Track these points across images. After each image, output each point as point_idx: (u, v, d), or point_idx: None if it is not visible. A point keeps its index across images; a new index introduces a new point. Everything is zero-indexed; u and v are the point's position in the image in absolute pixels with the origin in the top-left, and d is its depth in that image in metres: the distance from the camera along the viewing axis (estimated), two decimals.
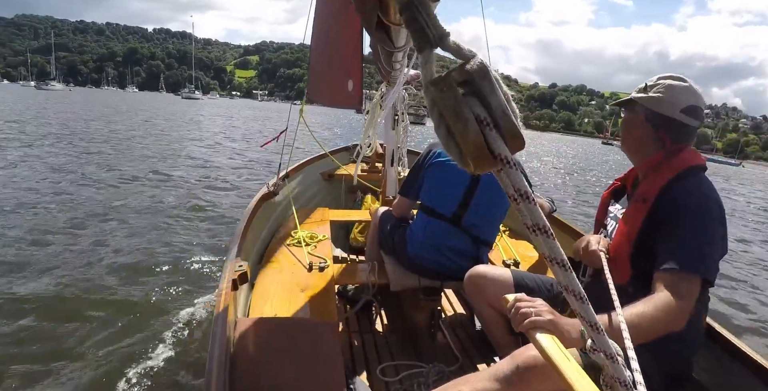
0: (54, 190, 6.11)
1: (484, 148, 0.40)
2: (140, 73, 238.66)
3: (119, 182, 6.93)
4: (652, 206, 1.18)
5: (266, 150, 11.01)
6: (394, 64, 2.04)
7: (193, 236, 4.80)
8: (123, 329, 2.88)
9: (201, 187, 7.35)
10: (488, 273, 1.61)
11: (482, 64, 0.41)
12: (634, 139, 1.28)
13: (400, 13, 0.42)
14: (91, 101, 42.15)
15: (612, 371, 0.55)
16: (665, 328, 1.06)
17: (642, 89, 1.27)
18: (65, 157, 8.93)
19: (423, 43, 0.41)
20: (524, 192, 0.43)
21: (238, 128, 22.77)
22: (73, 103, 34.91)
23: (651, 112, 1.24)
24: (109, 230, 4.71)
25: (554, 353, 0.85)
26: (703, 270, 1.09)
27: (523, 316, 1.02)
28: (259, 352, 1.28)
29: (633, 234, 1.20)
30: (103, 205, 5.63)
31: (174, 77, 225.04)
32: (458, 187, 1.85)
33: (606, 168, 24.30)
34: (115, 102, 44.64)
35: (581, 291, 0.50)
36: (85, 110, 25.76)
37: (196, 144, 13.46)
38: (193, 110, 40.09)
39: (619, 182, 1.49)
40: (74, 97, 51.58)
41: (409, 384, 1.73)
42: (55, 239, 4.28)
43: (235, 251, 1.74)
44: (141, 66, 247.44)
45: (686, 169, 1.20)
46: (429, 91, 0.41)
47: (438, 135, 0.43)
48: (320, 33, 2.29)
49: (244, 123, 27.02)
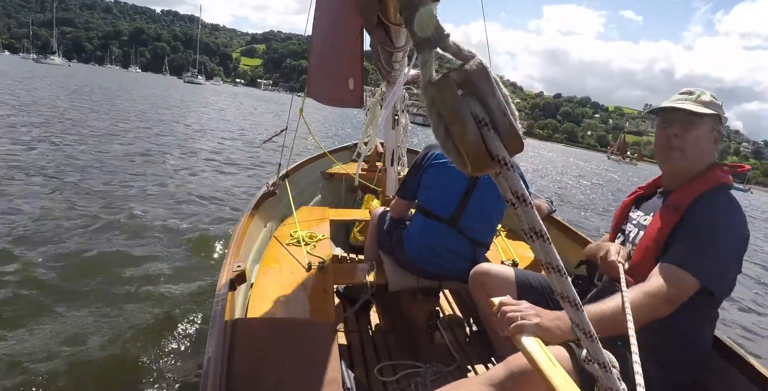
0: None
1: (482, 149, 0.40)
2: (145, 54, 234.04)
3: (103, 185, 6.87)
4: (683, 214, 1.21)
5: (265, 148, 11.01)
6: (394, 64, 2.04)
7: (192, 236, 4.80)
8: (119, 329, 2.87)
9: (199, 187, 7.35)
10: (492, 271, 1.62)
11: (481, 64, 0.40)
12: (700, 150, 1.28)
13: (400, 13, 0.42)
14: (83, 78, 40.19)
15: (606, 382, 0.55)
16: (650, 313, 1.08)
17: (698, 101, 1.27)
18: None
19: (423, 43, 0.41)
20: (522, 196, 0.42)
21: (240, 122, 21.16)
22: (61, 77, 33.72)
23: (715, 125, 1.28)
24: (101, 229, 4.70)
25: (540, 359, 0.86)
26: (703, 277, 1.11)
27: (509, 320, 1.02)
28: (256, 352, 1.28)
29: (661, 241, 1.22)
30: (88, 203, 5.62)
31: (179, 60, 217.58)
32: (456, 189, 1.85)
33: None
34: (110, 81, 42.51)
35: (576, 298, 0.49)
36: (64, 88, 23.66)
37: (190, 138, 12.68)
38: (193, 97, 36.47)
39: (642, 190, 1.51)
40: (66, 72, 49.79)
41: (407, 384, 1.73)
42: (42, 238, 4.28)
43: (233, 250, 1.74)
44: (146, 47, 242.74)
45: (719, 185, 1.24)
46: (428, 91, 0.41)
47: (436, 136, 0.43)
48: (320, 31, 2.29)
49: (246, 117, 25.02)
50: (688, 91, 1.32)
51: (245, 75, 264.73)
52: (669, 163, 1.32)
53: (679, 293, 1.10)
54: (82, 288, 3.34)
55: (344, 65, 2.20)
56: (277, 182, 2.80)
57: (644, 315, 1.07)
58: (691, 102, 1.27)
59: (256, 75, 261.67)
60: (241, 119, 22.31)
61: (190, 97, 33.99)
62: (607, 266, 1.29)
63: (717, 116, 1.27)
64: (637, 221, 1.42)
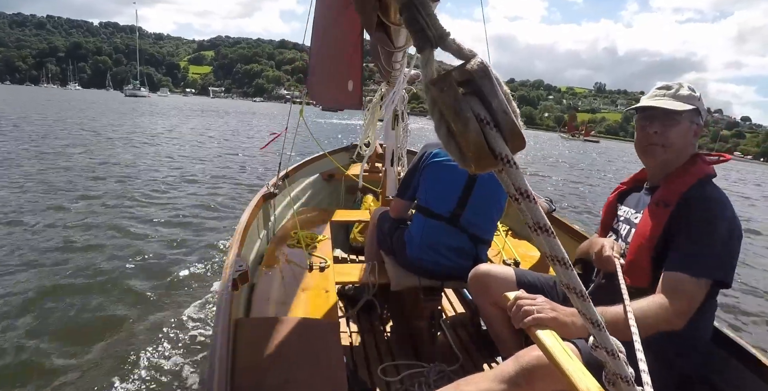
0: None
1: (485, 148, 0.40)
2: (85, 70, 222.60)
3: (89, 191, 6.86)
4: (674, 210, 1.20)
5: (265, 152, 11.00)
6: (394, 64, 2.04)
7: (193, 237, 4.80)
8: (124, 330, 2.88)
9: (199, 188, 7.35)
10: (491, 271, 1.62)
11: (482, 63, 0.41)
12: (681, 144, 1.28)
13: (400, 13, 0.42)
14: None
15: (614, 368, 0.55)
16: (658, 326, 1.08)
17: (677, 97, 1.27)
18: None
19: (423, 43, 0.41)
20: (525, 191, 0.43)
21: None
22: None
23: (695, 119, 1.28)
24: (103, 231, 4.71)
25: (557, 351, 0.86)
26: (712, 272, 1.12)
27: (525, 313, 1.02)
28: (260, 352, 1.28)
29: (654, 238, 1.22)
30: (86, 202, 5.62)
31: (122, 73, 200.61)
32: (456, 187, 1.85)
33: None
34: (18, 101, 34.71)
35: (582, 289, 0.50)
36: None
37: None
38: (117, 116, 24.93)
39: (624, 186, 1.51)
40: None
41: (410, 384, 1.73)
42: (49, 244, 4.29)
43: (235, 251, 1.74)
44: (86, 62, 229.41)
45: (704, 177, 1.24)
46: (429, 91, 0.41)
47: (438, 135, 0.43)
48: (320, 33, 2.29)
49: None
50: (666, 85, 1.31)
51: (195, 84, 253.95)
52: (652, 158, 1.32)
53: (691, 305, 1.10)
54: (82, 290, 3.35)
55: (344, 67, 2.20)
56: (278, 183, 2.80)
57: (655, 328, 1.07)
58: (670, 98, 1.27)
59: (207, 83, 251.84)
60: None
61: (112, 117, 23.91)
62: (603, 261, 1.29)
63: (696, 110, 1.26)
64: (625, 217, 1.41)
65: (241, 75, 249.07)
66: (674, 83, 1.31)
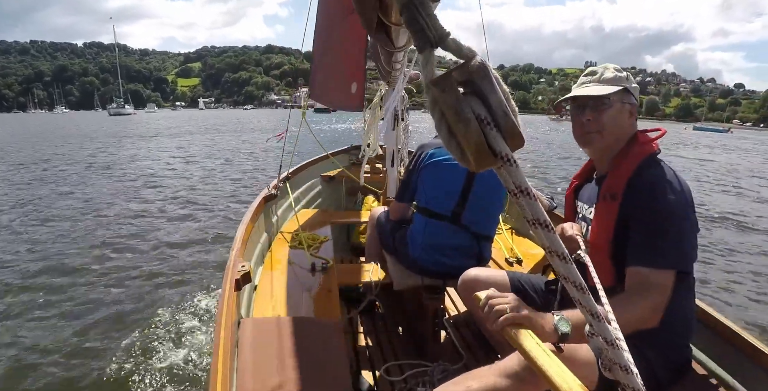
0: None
1: (485, 147, 0.41)
2: (73, 92, 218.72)
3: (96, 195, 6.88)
4: (621, 202, 1.18)
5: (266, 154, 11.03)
6: (394, 64, 2.04)
7: (196, 238, 4.81)
8: (127, 330, 2.89)
9: (200, 190, 7.37)
10: (480, 276, 1.58)
11: (482, 63, 0.41)
12: (617, 127, 1.26)
13: (400, 13, 0.42)
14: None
15: (612, 356, 0.57)
16: (635, 325, 1.06)
17: (602, 81, 1.26)
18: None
19: (423, 43, 0.41)
20: (524, 188, 0.44)
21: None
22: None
23: (626, 99, 1.26)
24: (103, 231, 4.72)
25: (532, 349, 0.86)
26: (674, 263, 1.10)
27: (498, 313, 1.02)
28: (262, 352, 1.28)
29: (609, 234, 1.19)
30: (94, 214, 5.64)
31: (110, 93, 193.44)
32: (455, 186, 1.85)
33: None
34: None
35: (581, 282, 0.52)
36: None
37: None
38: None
39: (577, 181, 1.48)
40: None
41: (414, 383, 1.73)
42: (55, 247, 4.30)
43: (237, 252, 1.74)
44: (73, 84, 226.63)
45: (647, 158, 1.21)
46: (430, 91, 0.42)
47: (439, 134, 0.44)
48: (322, 36, 2.30)
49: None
50: (591, 71, 1.30)
51: (185, 96, 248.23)
52: (591, 145, 1.31)
53: (662, 299, 1.08)
54: (86, 291, 3.37)
55: (347, 69, 2.21)
56: (279, 185, 2.81)
57: (631, 327, 1.04)
58: (596, 83, 1.26)
59: (196, 94, 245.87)
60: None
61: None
62: (568, 242, 1.26)
63: (624, 89, 1.24)
64: (582, 214, 1.39)
65: (230, 84, 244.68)
66: (599, 67, 1.30)
